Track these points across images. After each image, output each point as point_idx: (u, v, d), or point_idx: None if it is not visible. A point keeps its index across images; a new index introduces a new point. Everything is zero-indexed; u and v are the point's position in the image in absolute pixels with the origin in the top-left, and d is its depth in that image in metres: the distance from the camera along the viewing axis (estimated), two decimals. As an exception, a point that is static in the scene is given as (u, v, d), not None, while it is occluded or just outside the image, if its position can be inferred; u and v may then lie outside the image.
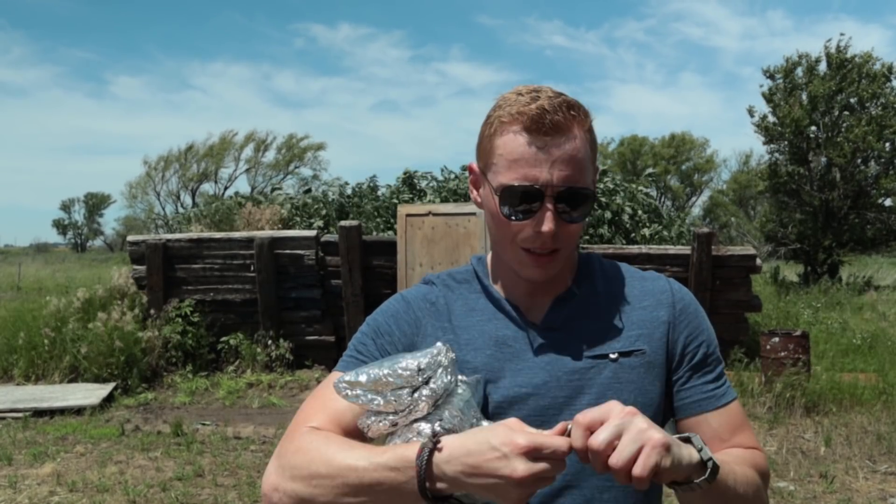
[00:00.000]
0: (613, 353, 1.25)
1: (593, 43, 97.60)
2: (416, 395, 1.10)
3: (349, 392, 1.12)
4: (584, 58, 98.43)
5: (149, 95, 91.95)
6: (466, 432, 1.07)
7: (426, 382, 1.10)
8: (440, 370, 1.11)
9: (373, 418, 1.13)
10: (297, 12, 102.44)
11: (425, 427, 1.09)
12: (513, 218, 1.20)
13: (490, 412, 1.22)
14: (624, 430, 0.97)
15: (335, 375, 1.25)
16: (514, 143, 1.18)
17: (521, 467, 0.97)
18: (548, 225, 1.17)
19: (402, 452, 1.05)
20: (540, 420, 1.20)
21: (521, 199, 1.18)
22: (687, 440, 1.06)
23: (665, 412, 1.29)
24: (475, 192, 1.32)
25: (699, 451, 1.05)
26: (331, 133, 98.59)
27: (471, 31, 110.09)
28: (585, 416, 1.00)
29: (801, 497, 5.17)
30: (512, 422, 1.03)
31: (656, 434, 0.97)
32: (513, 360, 1.25)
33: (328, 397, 1.21)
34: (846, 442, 6.40)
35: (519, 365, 1.25)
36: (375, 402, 1.11)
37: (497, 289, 1.33)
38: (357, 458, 1.09)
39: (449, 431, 1.09)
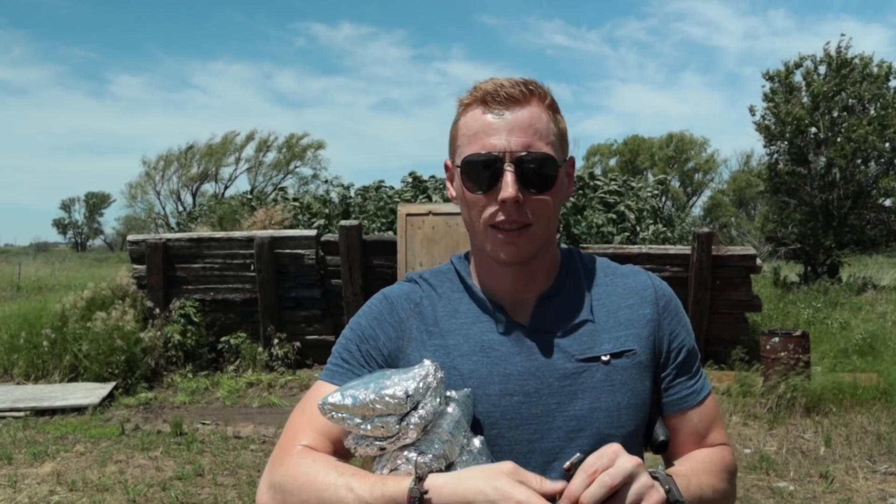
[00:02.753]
0: (605, 354, 1.23)
1: (594, 42, 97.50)
2: (403, 422, 1.07)
3: (334, 415, 1.09)
4: (586, 57, 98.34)
5: (149, 95, 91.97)
6: (458, 473, 1.05)
7: (415, 408, 1.07)
8: (429, 394, 1.08)
9: (360, 441, 1.10)
10: (298, 11, 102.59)
11: (414, 456, 1.07)
12: (477, 191, 1.19)
13: (481, 422, 1.19)
14: (632, 481, 1.03)
15: (321, 385, 1.25)
16: (472, 119, 1.21)
17: None
18: (508, 190, 1.15)
19: (392, 492, 1.04)
20: (532, 428, 1.19)
21: (482, 169, 1.17)
22: (654, 478, 1.10)
23: (652, 408, 1.29)
24: (450, 186, 1.31)
25: (667, 491, 1.08)
26: (332, 132, 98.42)
27: (472, 30, 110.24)
28: (594, 465, 1.03)
29: (801, 497, 5.16)
30: (508, 468, 1.02)
31: (656, 494, 1.04)
32: (501, 366, 1.21)
33: (316, 411, 1.15)
34: (846, 442, 6.40)
35: (508, 370, 1.21)
36: (362, 427, 1.08)
37: (480, 288, 1.30)
38: (344, 495, 1.08)
39: (438, 459, 1.07)
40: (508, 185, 1.15)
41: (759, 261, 9.14)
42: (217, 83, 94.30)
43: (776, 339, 7.68)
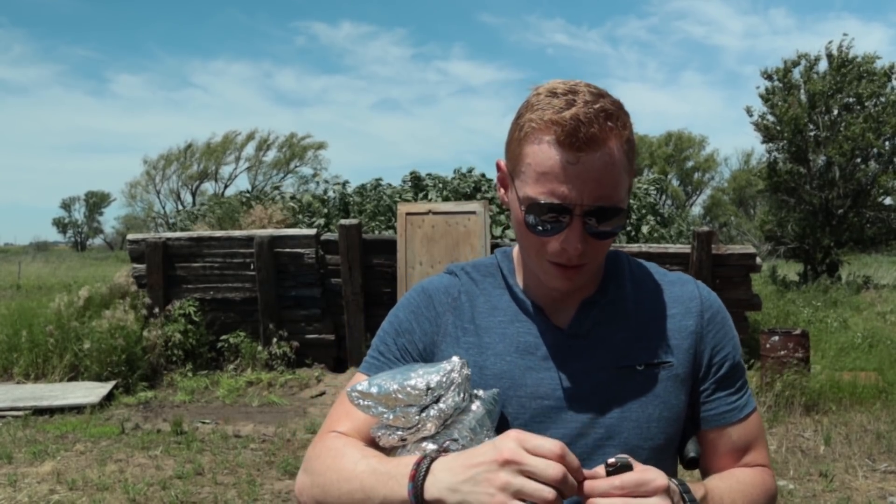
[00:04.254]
0: (640, 364, 1.20)
1: (595, 41, 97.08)
2: (423, 414, 1.09)
3: (360, 402, 1.12)
4: (586, 56, 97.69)
5: (150, 94, 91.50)
6: (463, 452, 1.04)
7: (436, 401, 1.09)
8: (452, 388, 1.09)
9: (383, 430, 1.13)
10: (299, 10, 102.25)
11: (432, 447, 1.08)
12: (539, 228, 1.13)
13: (510, 423, 1.19)
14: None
15: (358, 376, 1.25)
16: (543, 154, 1.09)
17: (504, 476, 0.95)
18: (574, 244, 1.11)
19: (406, 462, 1.05)
20: (560, 433, 1.17)
21: (548, 213, 1.10)
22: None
23: (686, 423, 1.26)
24: (502, 190, 1.25)
25: None
26: (332, 132, 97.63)
27: (472, 29, 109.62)
28: (628, 483, 0.97)
29: (801, 496, 5.17)
30: (512, 432, 0.99)
31: None
32: (535, 370, 1.20)
33: (343, 397, 1.21)
34: (846, 441, 6.41)
35: (541, 374, 1.20)
36: (385, 416, 1.10)
37: (522, 288, 1.28)
38: (363, 469, 1.10)
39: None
40: (574, 239, 1.11)
41: (758, 260, 9.14)
42: (217, 82, 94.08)
43: (776, 338, 7.69)
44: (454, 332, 1.26)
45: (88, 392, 7.92)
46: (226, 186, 46.05)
